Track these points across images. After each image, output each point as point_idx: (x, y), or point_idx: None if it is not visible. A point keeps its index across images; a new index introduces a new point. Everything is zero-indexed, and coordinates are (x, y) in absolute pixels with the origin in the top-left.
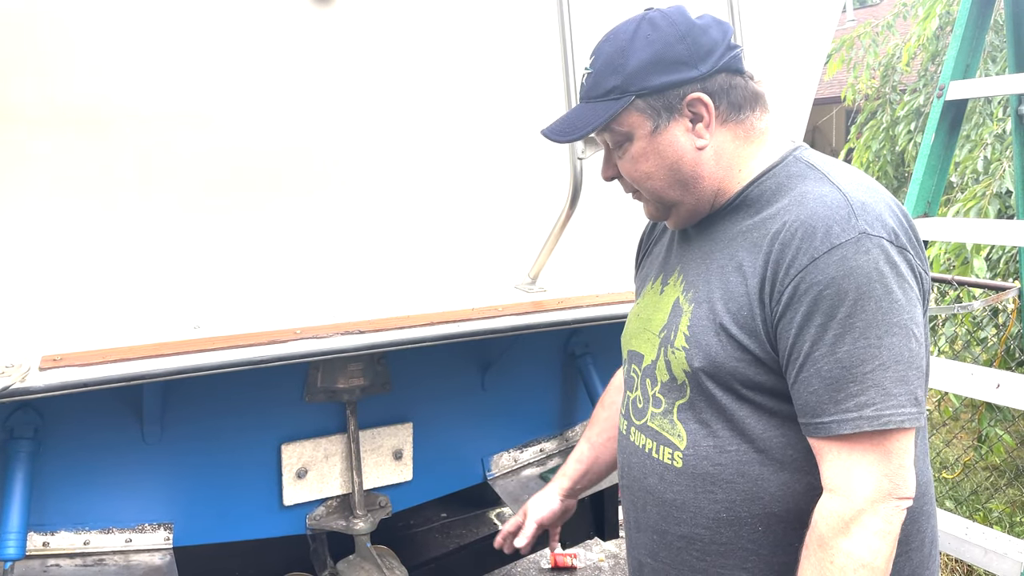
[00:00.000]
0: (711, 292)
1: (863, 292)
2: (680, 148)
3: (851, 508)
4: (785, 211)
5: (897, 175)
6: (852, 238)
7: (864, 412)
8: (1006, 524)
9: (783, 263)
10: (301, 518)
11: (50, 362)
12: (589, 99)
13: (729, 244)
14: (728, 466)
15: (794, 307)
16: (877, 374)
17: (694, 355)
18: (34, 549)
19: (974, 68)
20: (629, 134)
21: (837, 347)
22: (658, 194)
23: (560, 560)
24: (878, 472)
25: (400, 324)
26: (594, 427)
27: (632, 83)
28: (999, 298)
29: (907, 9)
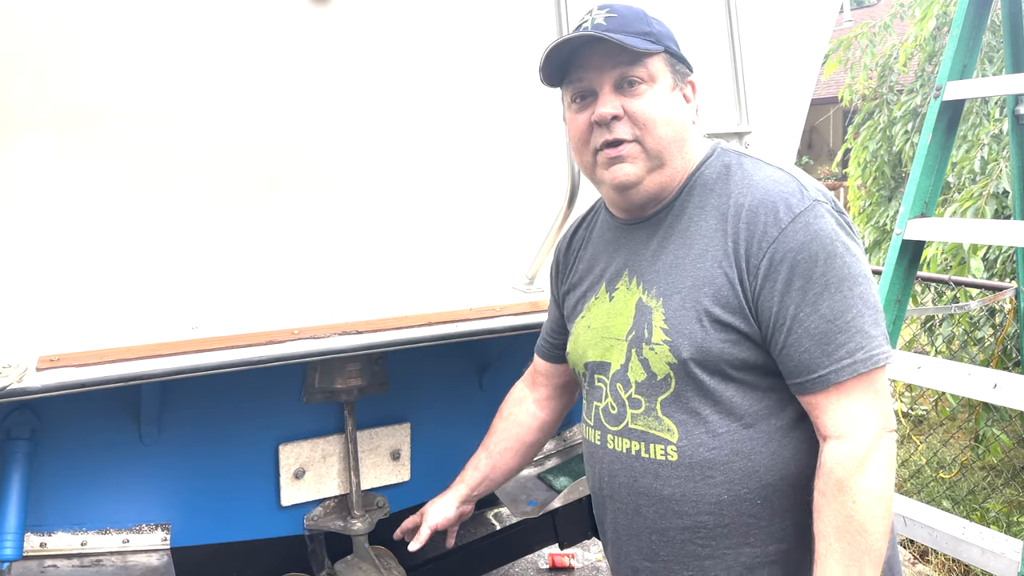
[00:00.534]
0: (680, 284)
1: (829, 251)
2: (686, 112)
3: (862, 448)
4: (737, 194)
5: (894, 175)
6: (808, 206)
7: (856, 356)
8: (1003, 524)
9: (754, 239)
10: (299, 518)
11: (47, 362)
12: (623, 32)
13: (681, 236)
14: (723, 448)
15: (773, 276)
16: (858, 321)
17: (680, 345)
18: (31, 550)
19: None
20: (654, 76)
21: (819, 304)
22: (663, 144)
23: (558, 560)
24: (874, 409)
25: (398, 324)
26: (492, 436)
27: (662, 39)
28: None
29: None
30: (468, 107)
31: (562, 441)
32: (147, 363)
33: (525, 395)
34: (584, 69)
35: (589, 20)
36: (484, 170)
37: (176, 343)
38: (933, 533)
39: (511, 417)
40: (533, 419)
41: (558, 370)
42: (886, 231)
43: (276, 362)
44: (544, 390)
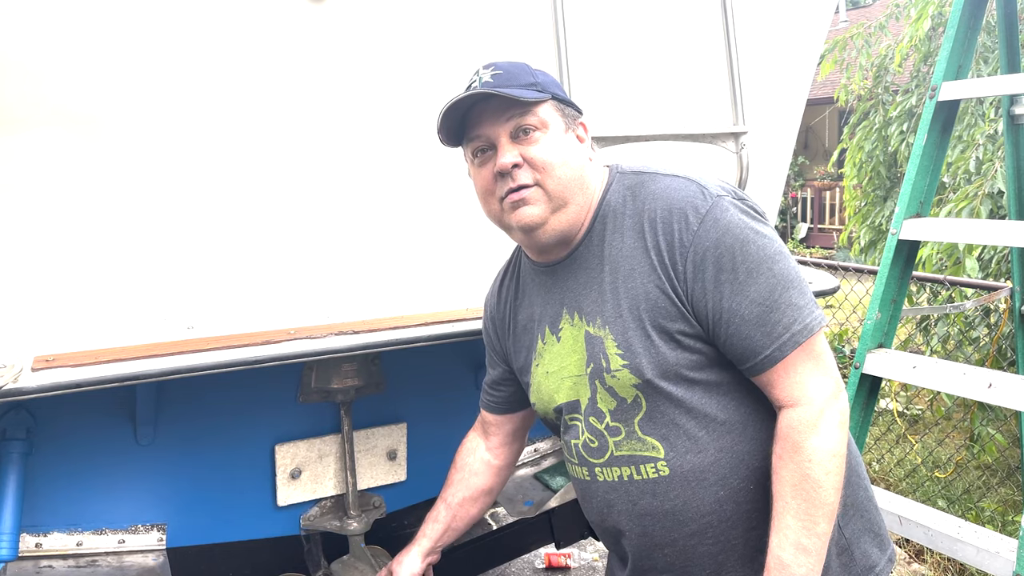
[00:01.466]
0: (618, 307)
1: (742, 239)
2: (581, 153)
3: (815, 410)
4: (647, 210)
5: (890, 175)
6: (712, 203)
7: (792, 329)
8: (998, 523)
9: (674, 244)
10: (295, 519)
11: (43, 362)
12: (510, 86)
13: (606, 262)
14: (707, 449)
15: (699, 275)
16: (784, 296)
17: (640, 365)
18: (27, 550)
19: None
20: (545, 123)
21: (747, 290)
22: (562, 184)
23: (554, 560)
24: (820, 373)
25: (394, 324)
26: (449, 488)
27: (547, 88)
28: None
29: (900, 10)
30: None
31: (557, 441)
32: (143, 363)
33: (477, 444)
34: (480, 126)
35: (477, 80)
36: None
37: (172, 343)
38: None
39: (466, 468)
40: (487, 467)
41: (506, 419)
42: (882, 231)
43: (272, 362)
44: (496, 438)
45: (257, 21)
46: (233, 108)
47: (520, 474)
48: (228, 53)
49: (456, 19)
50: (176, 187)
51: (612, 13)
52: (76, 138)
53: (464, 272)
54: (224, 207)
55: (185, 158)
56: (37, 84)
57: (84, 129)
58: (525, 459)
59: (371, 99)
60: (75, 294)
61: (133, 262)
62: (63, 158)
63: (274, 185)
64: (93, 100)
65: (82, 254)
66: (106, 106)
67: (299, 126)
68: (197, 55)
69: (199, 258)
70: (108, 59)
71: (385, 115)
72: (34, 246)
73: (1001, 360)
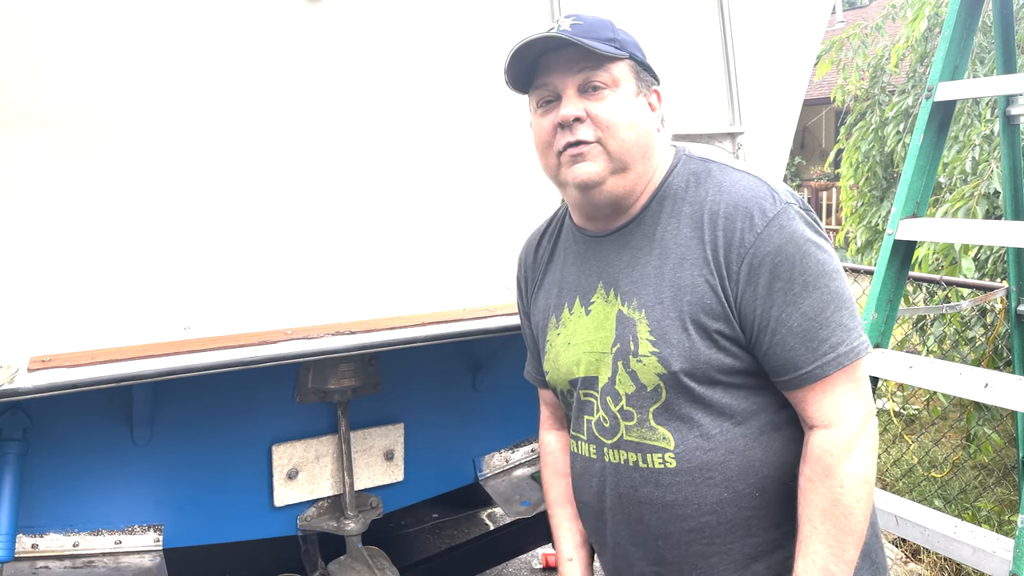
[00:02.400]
0: (661, 293)
1: (803, 251)
2: (651, 119)
3: (849, 434)
4: (709, 201)
5: (886, 176)
6: (781, 209)
7: (839, 350)
8: (995, 523)
9: (732, 244)
10: (292, 519)
11: (39, 363)
12: (587, 37)
13: (657, 246)
14: (718, 449)
15: (753, 280)
16: (836, 316)
17: (670, 356)
18: (23, 551)
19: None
20: (618, 81)
21: (800, 303)
22: (624, 147)
23: (552, 560)
24: (858, 397)
25: (391, 324)
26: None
27: (626, 47)
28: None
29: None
30: (461, 106)
31: None
32: (139, 364)
33: (559, 439)
34: (549, 74)
35: (555, 27)
36: (477, 170)
37: (168, 343)
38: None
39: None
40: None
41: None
42: (878, 231)
43: (269, 362)
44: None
45: (253, 22)
46: (230, 109)
47: (517, 474)
48: (227, 54)
49: (453, 20)
50: (173, 187)
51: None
52: (72, 139)
53: (461, 272)
54: (221, 207)
55: (182, 159)
56: (35, 85)
57: (81, 130)
58: (522, 459)
59: (368, 99)
60: (71, 294)
61: (129, 262)
62: (60, 159)
63: (271, 185)
64: (91, 101)
65: (78, 254)
66: (104, 107)
67: (296, 126)
68: (195, 56)
69: (196, 258)
70: (106, 60)
71: (382, 115)
72: (31, 246)
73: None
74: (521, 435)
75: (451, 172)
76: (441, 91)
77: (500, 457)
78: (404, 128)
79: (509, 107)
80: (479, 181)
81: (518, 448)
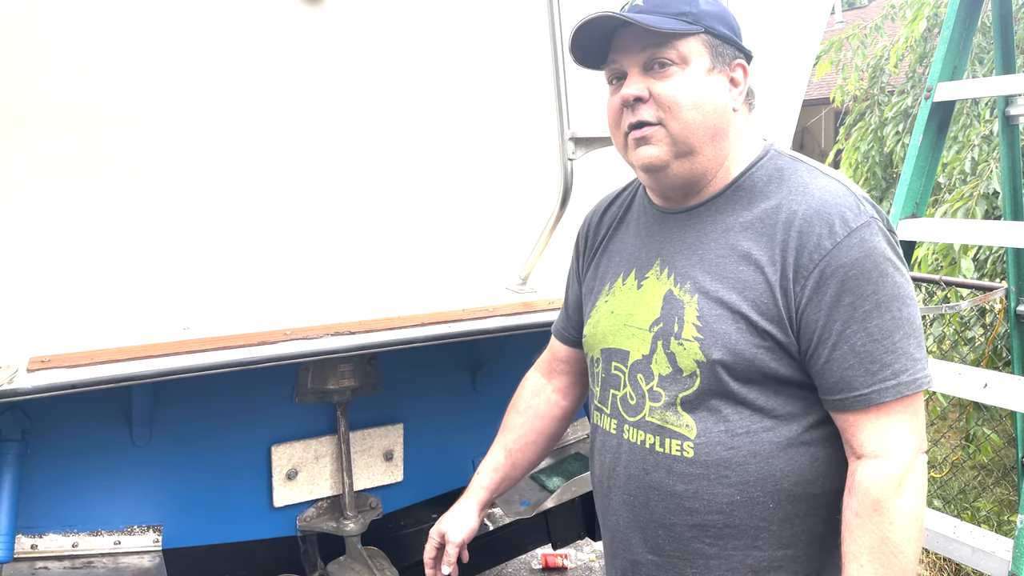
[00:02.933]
0: (718, 283)
1: (881, 270)
2: (724, 98)
3: (900, 468)
4: (789, 201)
5: (885, 176)
6: (864, 222)
7: (901, 379)
8: (994, 523)
9: (805, 249)
10: (291, 519)
11: (38, 363)
12: (657, 12)
13: (725, 235)
14: (740, 449)
15: (822, 290)
16: (904, 343)
17: (712, 345)
18: (22, 551)
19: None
20: (686, 58)
21: (868, 322)
22: (688, 129)
23: (551, 560)
24: (912, 431)
25: (391, 325)
26: (508, 433)
27: (702, 19)
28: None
29: (895, 11)
30: (460, 107)
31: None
32: (138, 364)
33: (543, 385)
34: (617, 51)
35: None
36: (477, 171)
37: (167, 344)
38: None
39: (530, 410)
40: (556, 408)
41: (580, 355)
42: None
43: (268, 363)
44: (565, 378)
45: (253, 24)
46: (230, 110)
47: None
48: (229, 56)
49: (453, 23)
50: (173, 188)
51: None
52: (72, 139)
53: (461, 272)
54: (220, 208)
55: (183, 160)
56: (35, 86)
57: (81, 131)
58: None
59: (368, 101)
60: (71, 294)
61: (129, 262)
62: (60, 159)
63: (271, 186)
64: (92, 103)
65: (78, 255)
66: (104, 108)
67: (295, 127)
68: (197, 58)
69: (195, 258)
70: (108, 62)
71: (382, 116)
72: (30, 247)
73: (996, 360)
74: None
75: (450, 173)
76: (440, 92)
77: None
78: (403, 129)
79: (508, 108)
80: (478, 182)
81: None
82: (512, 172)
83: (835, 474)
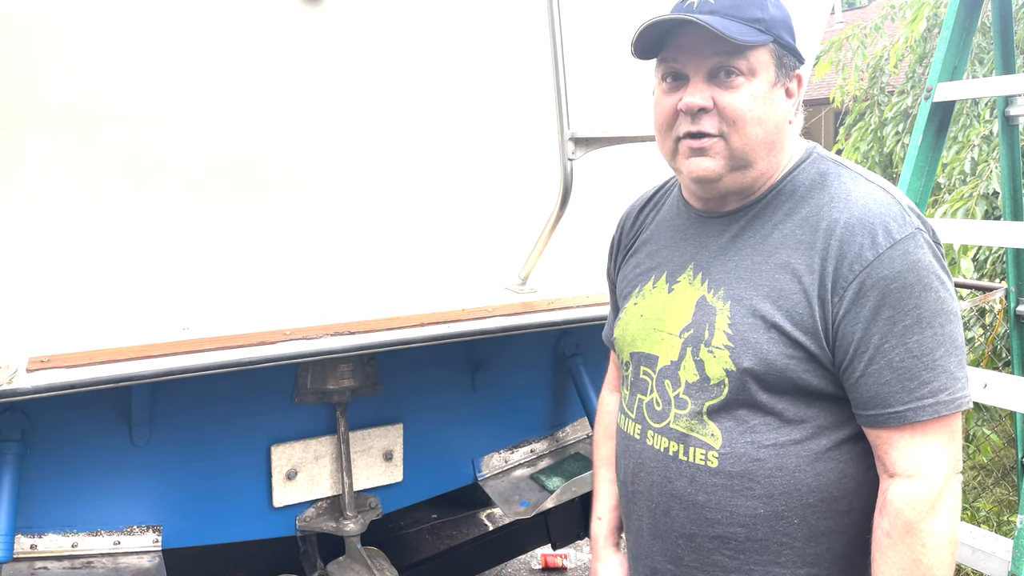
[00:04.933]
0: (752, 291)
1: (925, 284)
2: (784, 111)
3: (935, 490)
4: (832, 208)
5: (885, 176)
6: (910, 234)
7: (939, 398)
8: (994, 523)
9: (845, 259)
10: (291, 520)
11: (38, 363)
12: (731, 16)
13: (764, 242)
14: (767, 461)
15: (861, 302)
16: (944, 360)
17: (742, 354)
18: (22, 551)
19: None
20: (755, 70)
21: (907, 337)
22: (750, 145)
23: (551, 561)
24: (948, 451)
25: (390, 325)
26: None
27: (773, 28)
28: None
29: (895, 11)
30: (460, 108)
31: (554, 441)
32: (138, 364)
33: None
34: (680, 50)
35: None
36: (476, 171)
37: (167, 344)
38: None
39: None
40: None
41: None
42: None
43: (268, 363)
44: None
45: (253, 25)
46: (229, 111)
47: (516, 475)
48: (229, 56)
49: (452, 24)
50: (172, 188)
51: (608, 15)
52: (72, 140)
53: (460, 272)
54: (219, 208)
55: (182, 160)
56: (35, 86)
57: (80, 131)
58: (521, 460)
59: (367, 102)
60: (70, 295)
61: (128, 263)
62: (59, 159)
63: (270, 186)
64: (91, 103)
65: (77, 255)
66: (104, 109)
67: (294, 128)
68: (198, 58)
69: (194, 259)
70: (108, 63)
71: (381, 117)
72: (30, 247)
73: (996, 360)
74: (520, 436)
75: (450, 173)
76: (440, 92)
77: (499, 458)
78: (403, 129)
79: (508, 108)
80: (478, 182)
81: (517, 449)
82: (512, 172)
83: (865, 492)
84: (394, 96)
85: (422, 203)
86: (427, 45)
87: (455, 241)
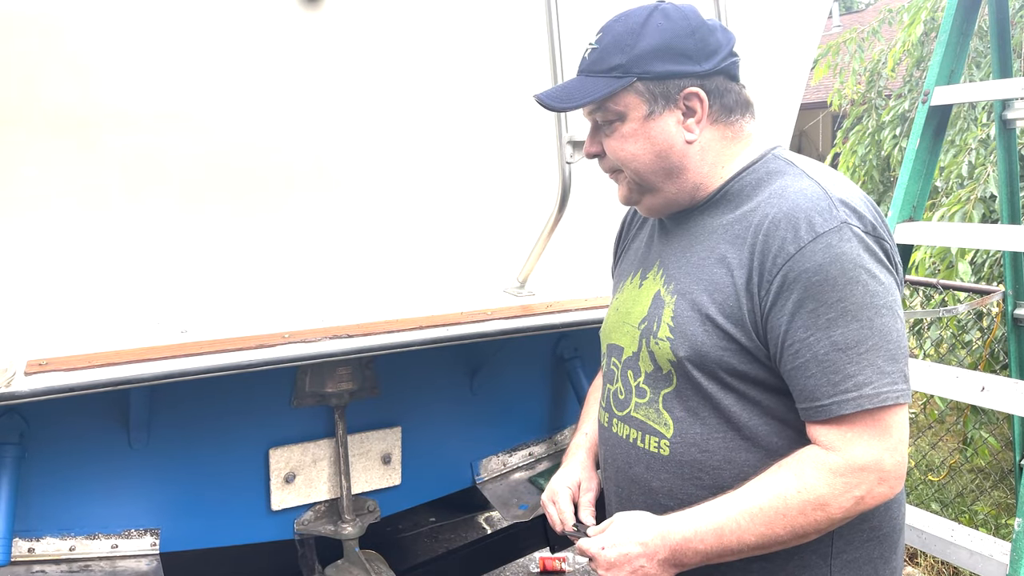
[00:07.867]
0: (693, 284)
1: (850, 277)
2: (670, 137)
3: (844, 465)
4: (766, 204)
5: (883, 180)
6: (834, 227)
7: (863, 391)
8: (991, 526)
9: (769, 253)
10: (289, 523)
11: (36, 366)
12: (590, 73)
13: (709, 237)
14: (716, 453)
15: (784, 295)
16: (871, 354)
17: (679, 345)
18: (19, 555)
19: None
20: (623, 114)
21: (831, 330)
22: (641, 176)
23: (549, 564)
24: (879, 446)
25: (389, 328)
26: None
27: (636, 65)
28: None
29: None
30: (459, 110)
31: (553, 444)
32: (136, 367)
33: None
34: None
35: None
36: (475, 174)
37: (165, 347)
38: (922, 535)
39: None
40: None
41: None
42: None
43: (266, 366)
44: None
45: (252, 25)
46: (228, 112)
47: (515, 478)
48: (227, 57)
49: (451, 24)
50: (170, 191)
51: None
52: (70, 141)
53: (459, 275)
54: (218, 210)
55: (180, 162)
56: (34, 87)
57: (79, 132)
58: (520, 463)
59: (366, 103)
60: (69, 297)
61: (127, 265)
62: (58, 161)
63: (268, 188)
64: (90, 104)
65: (76, 257)
66: (103, 110)
67: (293, 129)
68: (196, 59)
69: (193, 261)
70: (107, 63)
71: (380, 119)
72: (28, 249)
73: (994, 363)
74: (519, 439)
75: (449, 176)
76: (439, 95)
77: (498, 461)
78: (402, 131)
79: (507, 111)
80: (477, 185)
81: (516, 452)
82: (511, 175)
83: None
84: (392, 99)
85: (420, 206)
86: (426, 48)
87: (454, 244)
